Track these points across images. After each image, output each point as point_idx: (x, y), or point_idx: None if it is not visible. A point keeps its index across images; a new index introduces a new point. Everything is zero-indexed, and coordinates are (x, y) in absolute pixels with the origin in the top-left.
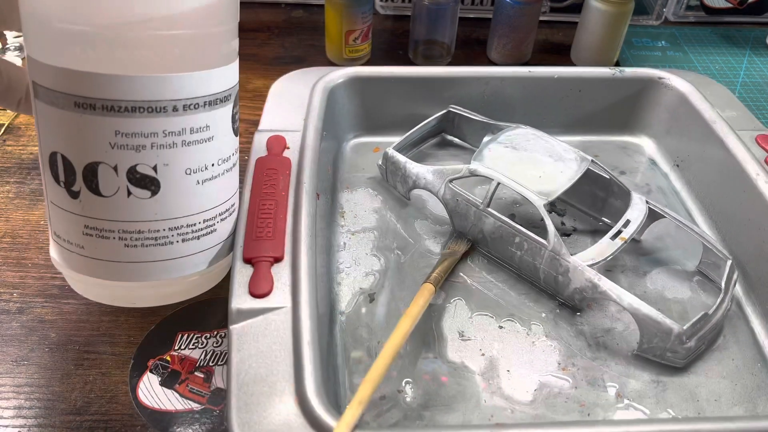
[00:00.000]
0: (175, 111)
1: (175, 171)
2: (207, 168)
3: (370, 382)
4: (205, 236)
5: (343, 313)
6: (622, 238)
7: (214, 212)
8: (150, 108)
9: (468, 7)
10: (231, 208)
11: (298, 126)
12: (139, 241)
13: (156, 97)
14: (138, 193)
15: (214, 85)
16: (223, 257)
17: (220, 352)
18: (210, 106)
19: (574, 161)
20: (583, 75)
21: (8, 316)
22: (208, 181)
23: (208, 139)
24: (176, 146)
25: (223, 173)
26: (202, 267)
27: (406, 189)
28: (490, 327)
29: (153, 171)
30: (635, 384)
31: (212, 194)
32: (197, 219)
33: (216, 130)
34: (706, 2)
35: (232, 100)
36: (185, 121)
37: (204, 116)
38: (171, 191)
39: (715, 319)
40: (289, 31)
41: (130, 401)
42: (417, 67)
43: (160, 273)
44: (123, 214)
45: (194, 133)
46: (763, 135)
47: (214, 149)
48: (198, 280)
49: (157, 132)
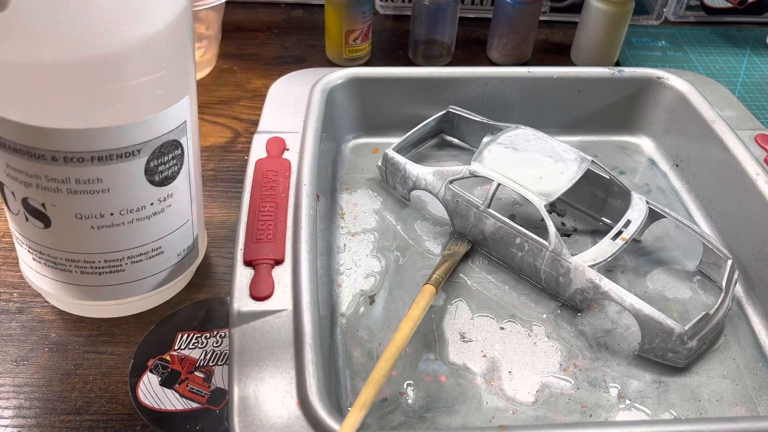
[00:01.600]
0: (54, 161)
1: (64, 213)
2: (104, 216)
3: (373, 385)
4: (108, 274)
5: (343, 315)
6: (622, 239)
7: (121, 255)
8: (30, 153)
9: (468, 7)
10: (153, 251)
11: (298, 127)
12: (42, 259)
13: (35, 144)
14: (33, 222)
15: (105, 141)
16: (145, 291)
17: (220, 352)
18: (101, 161)
19: (574, 162)
20: (583, 75)
21: (8, 316)
22: (107, 228)
23: (101, 191)
24: (61, 191)
25: (131, 221)
26: (109, 299)
27: (406, 190)
28: (491, 328)
29: (42, 207)
30: (637, 384)
31: (116, 239)
32: (97, 258)
33: (113, 183)
34: (706, 2)
35: (144, 154)
36: (68, 171)
37: (92, 170)
38: (62, 229)
39: (716, 319)
40: (289, 31)
41: (130, 401)
42: (415, 68)
43: (64, 292)
44: (26, 233)
45: (81, 184)
46: (763, 134)
47: (113, 200)
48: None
49: (40, 175)
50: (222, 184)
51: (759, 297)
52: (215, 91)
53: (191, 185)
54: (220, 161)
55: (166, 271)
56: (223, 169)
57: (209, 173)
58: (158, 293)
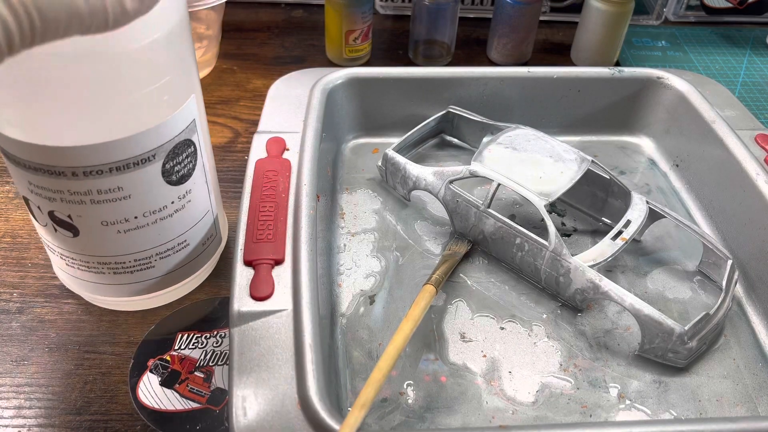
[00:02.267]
0: (74, 176)
1: (91, 222)
2: (128, 220)
3: (373, 385)
4: (139, 271)
5: (343, 315)
6: (623, 239)
7: (149, 253)
8: (50, 171)
9: (468, 7)
10: (179, 245)
11: (298, 127)
12: (76, 264)
13: (54, 163)
14: (62, 231)
15: (120, 152)
16: (176, 283)
17: (220, 352)
18: (119, 170)
19: (574, 162)
20: (582, 75)
21: (8, 316)
22: (133, 230)
23: (123, 198)
24: (85, 203)
25: (155, 221)
26: (142, 293)
27: (406, 190)
28: (491, 328)
29: (69, 218)
30: (637, 384)
31: (142, 239)
32: (127, 258)
33: (133, 189)
34: (706, 2)
35: (159, 158)
36: (88, 184)
37: (112, 179)
38: (90, 236)
39: (716, 319)
40: (289, 31)
41: (130, 401)
42: (415, 68)
43: (98, 292)
44: (56, 242)
45: (102, 194)
46: (763, 134)
47: (135, 205)
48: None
49: (62, 190)
50: (222, 184)
51: (759, 297)
52: (215, 91)
53: (207, 178)
54: (220, 161)
55: (194, 260)
56: (223, 169)
57: None
58: (189, 281)
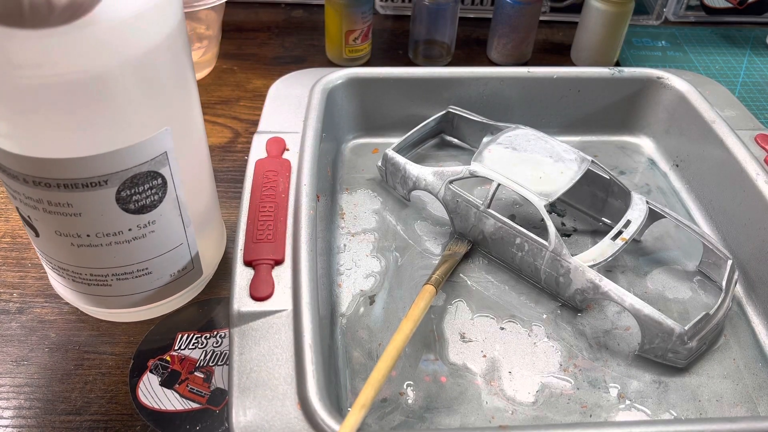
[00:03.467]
0: (26, 182)
1: (46, 228)
2: (80, 236)
3: (373, 385)
4: (95, 286)
5: (343, 315)
6: (622, 239)
7: (105, 272)
8: (6, 172)
9: (468, 7)
10: (138, 271)
11: (298, 128)
12: (47, 262)
13: (8, 165)
14: (28, 229)
15: (69, 170)
16: (135, 305)
17: (220, 352)
18: (67, 188)
19: (574, 162)
20: (582, 75)
21: (8, 316)
22: (86, 247)
23: (73, 214)
24: (38, 209)
25: (110, 244)
26: (100, 306)
27: (406, 190)
28: (491, 328)
29: (29, 218)
30: (637, 385)
31: (96, 257)
32: (83, 270)
33: (84, 208)
34: (706, 2)
35: (112, 184)
36: (39, 193)
37: (61, 195)
38: (48, 241)
39: (716, 319)
40: (289, 31)
41: (130, 401)
42: (415, 68)
43: (65, 293)
44: (29, 234)
45: (53, 206)
46: (763, 134)
47: (87, 223)
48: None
49: (18, 191)
50: (222, 184)
51: (759, 297)
52: (215, 91)
53: (182, 212)
54: (220, 161)
55: (158, 288)
56: (223, 169)
57: None
58: (158, 306)
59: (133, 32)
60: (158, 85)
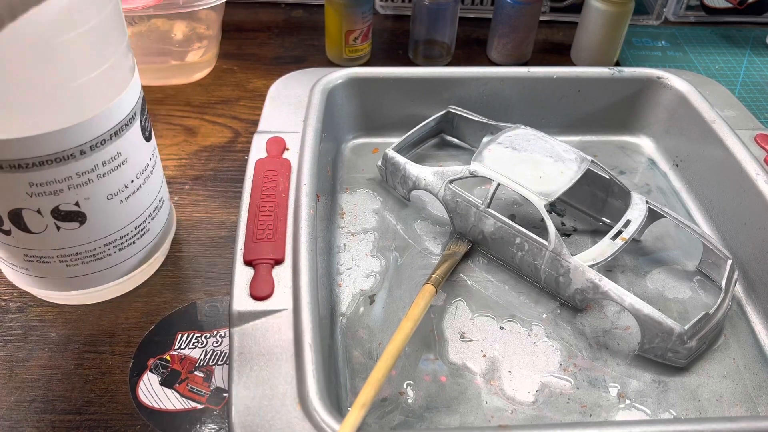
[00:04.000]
0: (83, 154)
1: (98, 200)
2: (127, 186)
3: (373, 385)
4: (139, 239)
5: (343, 314)
6: (622, 239)
7: (143, 217)
8: (58, 159)
9: (468, 7)
10: (159, 203)
11: (298, 127)
12: (79, 259)
13: (62, 148)
14: (67, 226)
15: (116, 115)
16: (162, 246)
17: (220, 352)
18: (117, 135)
19: (574, 161)
20: (582, 75)
21: (8, 316)
22: (131, 196)
23: (121, 163)
24: (92, 181)
25: (144, 182)
26: (142, 264)
27: (406, 190)
28: (491, 328)
29: (76, 206)
30: (636, 384)
31: (137, 204)
32: (128, 229)
33: (127, 151)
34: (706, 2)
35: (138, 114)
36: (95, 159)
37: (112, 147)
38: (97, 217)
39: (715, 319)
40: (289, 31)
41: (130, 401)
42: (415, 68)
43: (102, 280)
44: (57, 244)
45: (106, 165)
46: (763, 134)
47: (130, 168)
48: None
49: (70, 175)
50: (222, 184)
51: (759, 297)
52: (215, 91)
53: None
54: (220, 161)
55: (150, 246)
56: (223, 169)
57: (209, 173)
58: (140, 271)
59: None
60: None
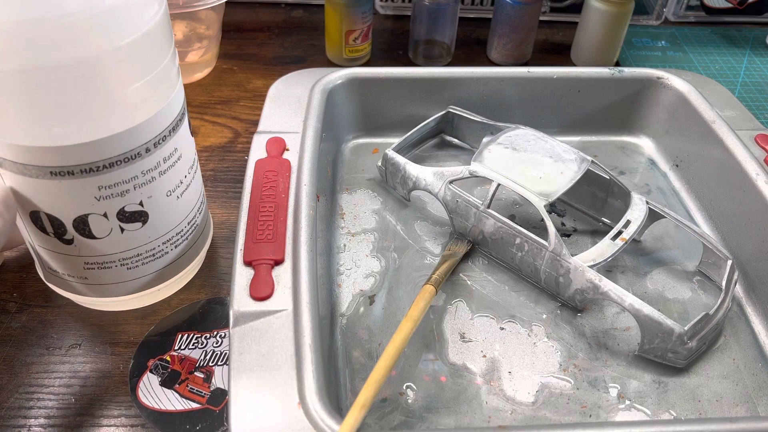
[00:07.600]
0: (148, 152)
1: (159, 198)
2: (181, 182)
3: (372, 385)
4: (191, 234)
5: (343, 315)
6: (622, 239)
7: (194, 212)
8: (126, 158)
9: (468, 7)
10: (200, 197)
11: (297, 128)
12: (139, 261)
13: (129, 147)
14: (130, 227)
15: (173, 111)
16: (206, 240)
17: (220, 352)
18: (173, 131)
19: (574, 162)
20: (582, 75)
21: (8, 316)
22: (185, 191)
23: (177, 159)
24: (155, 179)
25: (193, 177)
26: (193, 261)
27: (406, 190)
28: (491, 328)
29: (140, 206)
30: (636, 385)
31: (189, 199)
32: (182, 225)
33: (181, 147)
34: (706, 2)
35: (185, 110)
36: (158, 155)
37: (171, 143)
38: (158, 215)
39: (715, 319)
40: (289, 31)
41: (130, 401)
42: (415, 68)
43: (160, 280)
44: (120, 247)
45: (167, 161)
46: (763, 134)
47: (183, 164)
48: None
49: (136, 174)
50: (222, 184)
51: (759, 297)
52: (215, 91)
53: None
54: (220, 161)
55: (188, 251)
56: (223, 169)
57: (209, 173)
58: (177, 279)
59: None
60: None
